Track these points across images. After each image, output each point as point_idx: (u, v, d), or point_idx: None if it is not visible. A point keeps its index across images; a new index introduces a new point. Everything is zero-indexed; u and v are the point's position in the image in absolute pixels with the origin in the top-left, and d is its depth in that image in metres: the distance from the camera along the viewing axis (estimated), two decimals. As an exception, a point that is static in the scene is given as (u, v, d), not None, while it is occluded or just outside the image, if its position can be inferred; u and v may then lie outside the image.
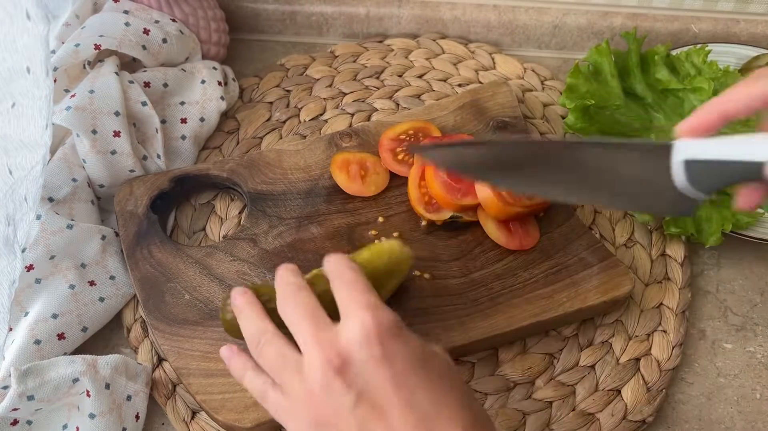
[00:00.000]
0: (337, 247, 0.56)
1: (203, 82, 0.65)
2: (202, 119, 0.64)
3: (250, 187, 0.60)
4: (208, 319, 0.53)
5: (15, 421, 0.48)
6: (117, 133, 0.58)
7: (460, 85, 0.71)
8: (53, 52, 0.59)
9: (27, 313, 0.52)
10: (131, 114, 0.60)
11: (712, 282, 0.59)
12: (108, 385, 0.48)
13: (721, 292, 0.59)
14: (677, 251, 0.59)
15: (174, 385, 0.53)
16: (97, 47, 0.59)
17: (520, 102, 0.68)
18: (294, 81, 0.71)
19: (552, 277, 0.55)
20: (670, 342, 0.55)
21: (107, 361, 0.49)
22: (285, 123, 0.68)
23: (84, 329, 0.53)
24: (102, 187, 0.59)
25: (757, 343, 0.56)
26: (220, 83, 0.66)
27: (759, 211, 0.59)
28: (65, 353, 0.52)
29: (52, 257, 0.53)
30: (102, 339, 0.55)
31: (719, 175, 0.35)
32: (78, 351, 0.53)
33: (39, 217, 0.54)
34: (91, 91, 0.58)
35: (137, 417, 0.50)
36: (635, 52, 0.66)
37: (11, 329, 0.51)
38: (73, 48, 0.59)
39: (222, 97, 0.65)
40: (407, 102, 0.69)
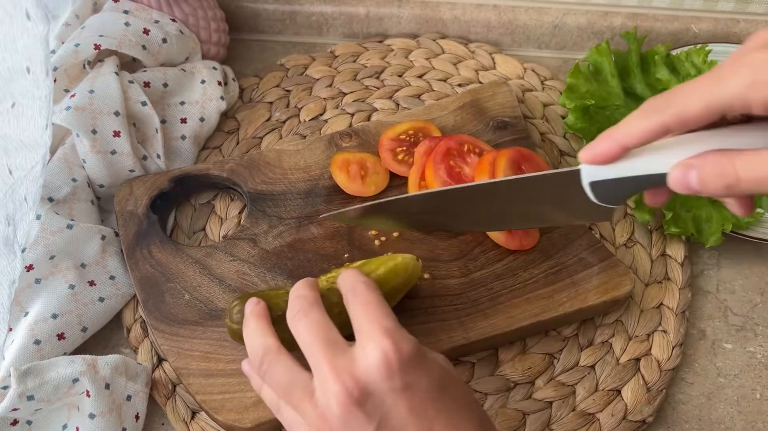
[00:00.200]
0: (337, 247, 0.56)
1: (203, 82, 0.65)
2: (202, 119, 0.64)
3: (250, 187, 0.60)
4: (208, 319, 0.53)
5: (15, 421, 0.48)
6: (117, 133, 0.58)
7: (460, 85, 0.71)
8: (53, 52, 0.59)
9: (27, 313, 0.52)
10: (131, 114, 0.60)
11: (712, 282, 0.59)
12: (108, 385, 0.48)
13: (721, 292, 0.59)
14: (677, 251, 0.59)
15: (174, 385, 0.53)
16: (97, 47, 0.59)
17: (520, 102, 0.68)
18: (294, 81, 0.71)
19: (552, 277, 0.55)
20: (670, 342, 0.55)
21: (107, 361, 0.49)
22: (285, 123, 0.68)
23: (84, 329, 0.53)
24: (102, 187, 0.59)
25: (757, 343, 0.56)
26: (220, 83, 0.66)
27: (759, 210, 0.59)
28: (65, 353, 0.52)
29: (52, 257, 0.53)
30: (102, 339, 0.55)
31: (626, 189, 0.37)
32: (78, 351, 0.53)
33: (39, 217, 0.54)
34: (91, 91, 0.58)
35: (137, 417, 0.50)
36: (635, 52, 0.66)
37: (11, 329, 0.51)
38: (73, 48, 0.59)
39: (222, 97, 0.65)
40: (407, 102, 0.69)
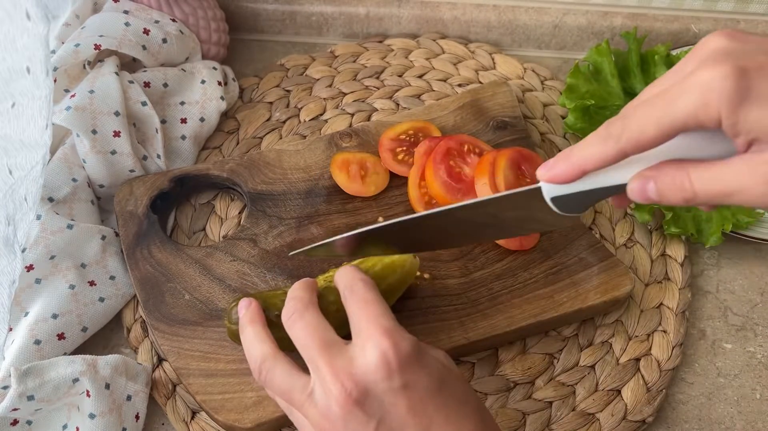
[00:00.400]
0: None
1: (203, 82, 0.65)
2: (202, 119, 0.64)
3: (250, 187, 0.60)
4: (208, 319, 0.53)
5: (15, 421, 0.48)
6: (117, 133, 0.58)
7: (460, 85, 0.71)
8: (53, 52, 0.59)
9: (27, 313, 0.52)
10: (131, 114, 0.60)
11: (712, 282, 0.59)
12: (108, 385, 0.48)
13: (721, 292, 0.59)
14: (677, 251, 0.59)
15: (174, 385, 0.53)
16: (97, 47, 0.59)
17: (520, 102, 0.68)
18: (294, 81, 0.71)
19: (552, 277, 0.55)
20: (670, 342, 0.55)
21: (107, 361, 0.49)
22: (285, 123, 0.68)
23: (84, 329, 0.53)
24: (102, 187, 0.59)
25: (757, 343, 0.56)
26: (220, 83, 0.66)
27: (759, 210, 0.59)
28: (65, 353, 0.52)
29: (52, 257, 0.53)
30: (102, 339, 0.55)
31: (587, 200, 0.39)
32: (78, 351, 0.53)
33: (39, 217, 0.54)
34: (91, 91, 0.58)
35: (137, 417, 0.50)
36: (635, 52, 0.66)
37: (11, 329, 0.51)
38: (73, 48, 0.59)
39: (222, 97, 0.65)
40: (407, 102, 0.69)
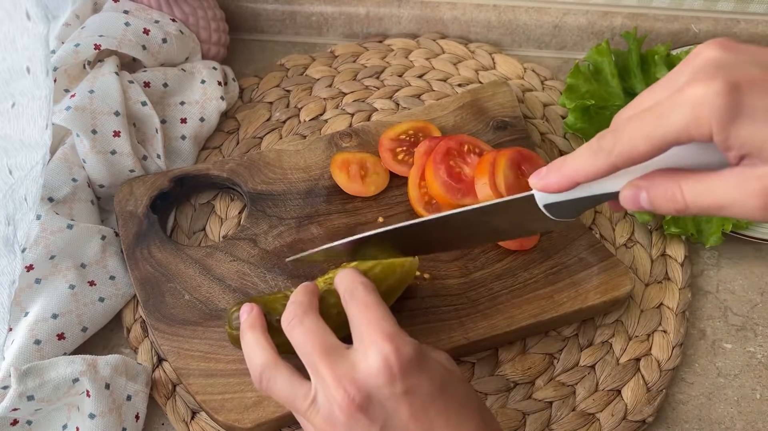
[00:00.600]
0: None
1: (203, 82, 0.65)
2: (202, 119, 0.64)
3: (250, 187, 0.60)
4: (208, 319, 0.53)
5: (15, 421, 0.48)
6: (117, 133, 0.58)
7: (460, 85, 0.71)
8: (53, 52, 0.59)
9: (27, 313, 0.52)
10: (131, 114, 0.60)
11: (712, 282, 0.59)
12: (108, 385, 0.48)
13: (721, 292, 0.59)
14: (677, 251, 0.59)
15: (174, 385, 0.53)
16: (97, 47, 0.59)
17: (520, 102, 0.68)
18: (294, 81, 0.71)
19: (552, 277, 0.55)
20: (670, 342, 0.55)
21: (107, 361, 0.49)
22: (285, 123, 0.68)
23: (84, 329, 0.53)
24: (102, 187, 0.59)
25: (757, 343, 0.56)
26: (220, 83, 0.66)
27: None
28: (65, 353, 0.52)
29: (52, 257, 0.53)
30: (102, 339, 0.55)
31: (581, 206, 0.39)
32: (78, 351, 0.53)
33: (39, 217, 0.54)
34: (91, 91, 0.58)
35: (137, 417, 0.50)
36: (635, 51, 0.66)
37: (11, 329, 0.51)
38: (73, 48, 0.59)
39: (222, 97, 0.65)
40: (407, 102, 0.69)
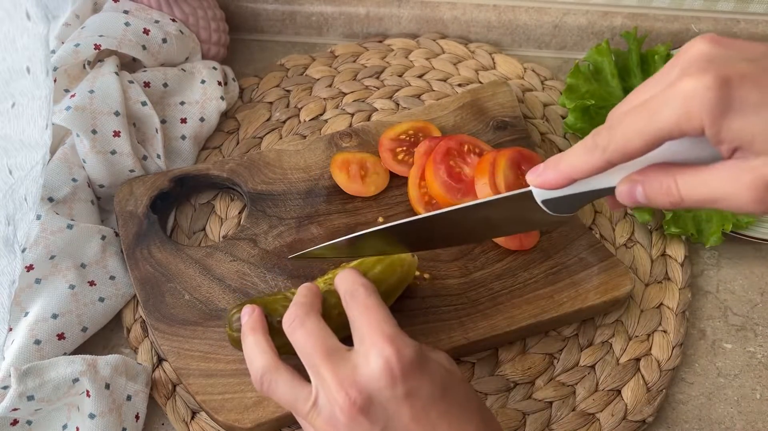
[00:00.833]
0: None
1: (203, 82, 0.65)
2: (202, 119, 0.64)
3: (250, 187, 0.60)
4: (208, 319, 0.53)
5: (15, 421, 0.48)
6: (117, 133, 0.58)
7: (460, 85, 0.71)
8: (53, 52, 0.59)
9: (27, 313, 0.52)
10: (131, 114, 0.60)
11: (712, 282, 0.59)
12: (108, 385, 0.48)
13: (721, 292, 0.59)
14: (677, 251, 0.59)
15: (174, 385, 0.53)
16: (97, 47, 0.59)
17: (520, 102, 0.68)
18: (294, 81, 0.71)
19: (552, 277, 0.55)
20: (670, 342, 0.55)
21: (107, 361, 0.49)
22: (285, 123, 0.68)
23: (84, 329, 0.53)
24: (102, 187, 0.59)
25: (757, 343, 0.56)
26: (220, 83, 0.66)
27: None
28: (65, 353, 0.52)
29: (52, 257, 0.53)
30: (102, 339, 0.55)
31: (578, 201, 0.40)
32: (78, 351, 0.53)
33: (39, 217, 0.54)
34: (91, 91, 0.58)
35: (137, 417, 0.50)
36: (635, 51, 0.66)
37: (11, 329, 0.51)
38: (73, 48, 0.59)
39: (222, 97, 0.65)
40: (407, 102, 0.69)
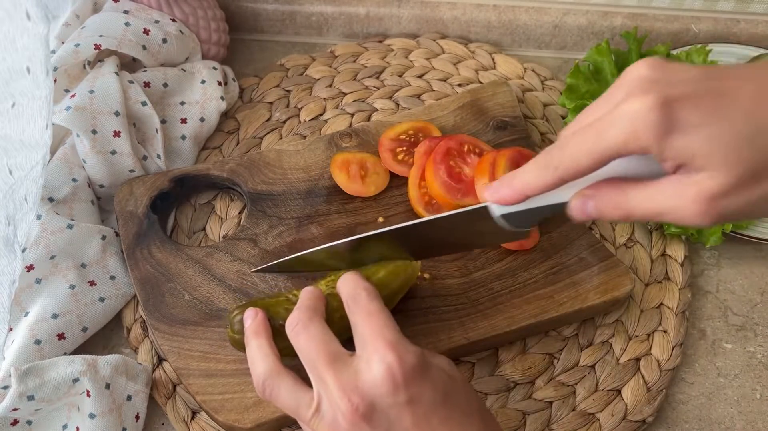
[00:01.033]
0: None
1: (203, 82, 0.65)
2: (202, 119, 0.64)
3: (250, 187, 0.60)
4: (208, 320, 0.53)
5: (15, 421, 0.48)
6: (117, 133, 0.58)
7: (460, 85, 0.71)
8: (53, 52, 0.59)
9: (27, 313, 0.52)
10: (131, 114, 0.60)
11: (712, 282, 0.59)
12: (108, 385, 0.48)
13: (721, 292, 0.59)
14: (677, 251, 0.59)
15: (174, 385, 0.53)
16: (97, 47, 0.59)
17: (520, 102, 0.68)
18: (294, 81, 0.71)
19: (552, 277, 0.55)
20: (670, 342, 0.55)
21: (107, 361, 0.49)
22: (285, 123, 0.68)
23: (84, 329, 0.53)
24: (102, 187, 0.59)
25: (757, 343, 0.56)
26: (220, 83, 0.66)
27: None
28: (65, 353, 0.52)
29: (52, 257, 0.53)
30: (102, 339, 0.55)
31: (533, 216, 0.41)
32: (78, 351, 0.53)
33: (39, 217, 0.54)
34: (91, 91, 0.58)
35: (137, 417, 0.50)
36: (635, 51, 0.66)
37: (11, 329, 0.51)
38: (73, 48, 0.59)
39: (222, 97, 0.65)
40: (407, 102, 0.69)
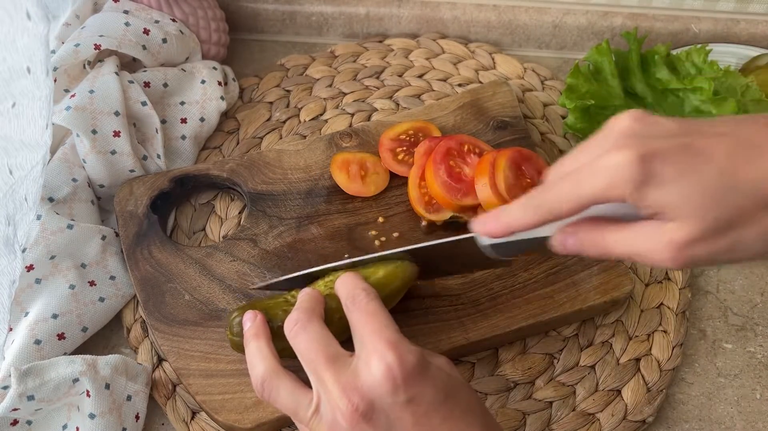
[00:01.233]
0: (337, 247, 0.56)
1: (203, 82, 0.65)
2: (202, 119, 0.64)
3: (250, 187, 0.60)
4: (208, 320, 0.53)
5: (15, 421, 0.48)
6: (117, 133, 0.58)
7: (460, 85, 0.71)
8: (53, 52, 0.59)
9: (27, 313, 0.52)
10: (131, 114, 0.60)
11: (712, 282, 0.59)
12: (108, 385, 0.48)
13: (721, 292, 0.59)
14: (677, 251, 0.59)
15: (174, 385, 0.53)
16: (97, 47, 0.59)
17: (520, 102, 0.68)
18: (294, 81, 0.71)
19: (552, 277, 0.55)
20: (670, 342, 0.55)
21: (107, 361, 0.49)
22: (285, 123, 0.68)
23: (84, 329, 0.53)
24: (102, 187, 0.59)
25: (757, 343, 0.56)
26: (220, 83, 0.66)
27: None
28: (65, 353, 0.52)
29: (52, 257, 0.53)
30: (102, 339, 0.55)
31: (519, 247, 0.43)
32: (78, 351, 0.53)
33: (39, 217, 0.54)
34: (91, 91, 0.58)
35: (137, 417, 0.50)
36: (635, 51, 0.66)
37: (11, 329, 0.51)
38: (73, 48, 0.59)
39: (222, 97, 0.65)
40: (407, 102, 0.69)
